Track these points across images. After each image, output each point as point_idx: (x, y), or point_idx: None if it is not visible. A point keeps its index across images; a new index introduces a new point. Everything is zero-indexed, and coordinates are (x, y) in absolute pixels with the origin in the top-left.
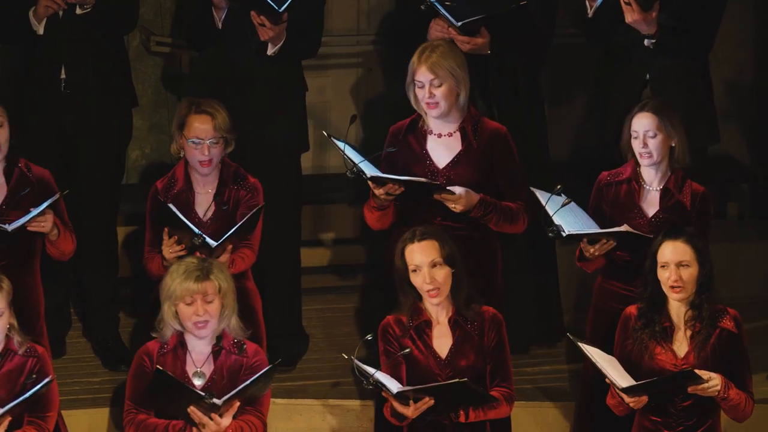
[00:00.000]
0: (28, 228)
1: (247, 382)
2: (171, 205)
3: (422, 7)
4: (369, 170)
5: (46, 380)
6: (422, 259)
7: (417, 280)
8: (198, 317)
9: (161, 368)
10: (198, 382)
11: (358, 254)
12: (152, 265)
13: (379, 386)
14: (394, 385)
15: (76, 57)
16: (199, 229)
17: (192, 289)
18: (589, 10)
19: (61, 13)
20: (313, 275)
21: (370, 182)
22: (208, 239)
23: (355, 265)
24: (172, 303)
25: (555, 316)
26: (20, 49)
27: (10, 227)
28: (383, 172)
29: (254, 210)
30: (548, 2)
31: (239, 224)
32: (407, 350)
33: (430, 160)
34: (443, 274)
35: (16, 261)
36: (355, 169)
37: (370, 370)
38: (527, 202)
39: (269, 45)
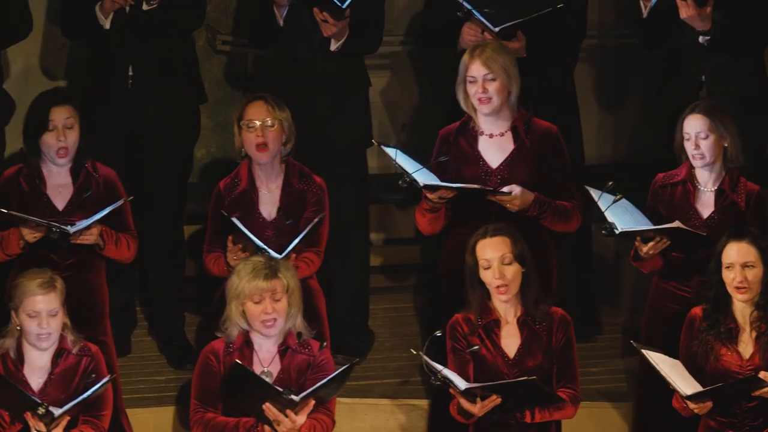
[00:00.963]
0: (72, 240)
1: (325, 380)
2: (235, 219)
3: (459, 14)
4: (422, 178)
5: (105, 380)
6: (493, 254)
7: (487, 276)
8: (266, 315)
9: (239, 362)
10: None
11: (414, 254)
12: (212, 265)
13: (447, 383)
14: (461, 382)
15: (143, 54)
16: (263, 229)
17: (261, 287)
18: (644, 11)
19: (127, 8)
20: (378, 274)
21: (423, 189)
22: (272, 253)
23: (410, 265)
24: (240, 302)
25: (592, 311)
26: (87, 45)
27: (72, 229)
28: (436, 176)
29: (316, 220)
30: (577, 1)
31: (302, 234)
32: (476, 347)
33: (483, 160)
34: (513, 271)
35: (80, 260)
36: (407, 178)
37: (438, 366)
38: (579, 200)
39: (332, 41)
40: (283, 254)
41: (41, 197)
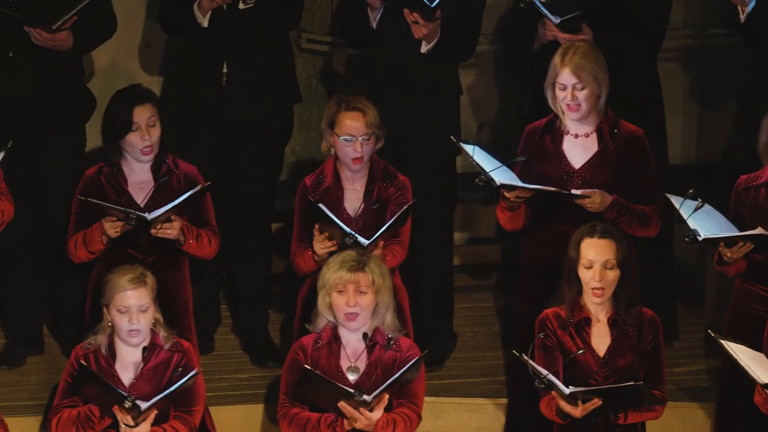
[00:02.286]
0: (153, 233)
1: (396, 375)
2: (322, 205)
3: (521, 5)
4: (500, 176)
5: (192, 373)
6: (598, 256)
7: (586, 275)
8: (349, 308)
9: (309, 367)
10: (352, 377)
11: (495, 254)
12: (300, 261)
13: (552, 386)
14: (565, 386)
15: (239, 52)
16: (348, 226)
17: (345, 278)
18: (741, 15)
19: (224, 6)
20: (460, 273)
21: (500, 189)
22: (360, 238)
23: (492, 265)
24: (326, 292)
25: (671, 316)
26: (184, 43)
27: (150, 216)
28: (517, 174)
29: (405, 207)
30: None
31: (390, 222)
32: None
33: (566, 160)
34: (613, 276)
35: (164, 257)
36: (484, 177)
37: (543, 370)
38: (660, 205)
39: (423, 43)
40: (371, 240)
41: (123, 195)
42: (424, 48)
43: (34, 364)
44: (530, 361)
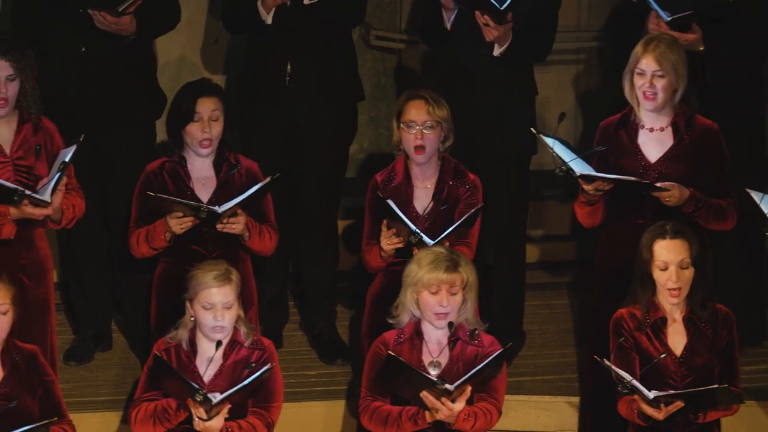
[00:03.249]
0: (219, 228)
1: (478, 367)
2: (390, 201)
3: (634, 0)
4: (579, 168)
5: (264, 368)
6: (672, 257)
7: (661, 276)
8: (441, 308)
9: (392, 353)
10: (433, 372)
11: (570, 251)
12: (370, 257)
13: (635, 390)
14: (648, 390)
15: (303, 50)
16: (416, 224)
17: (441, 278)
18: None
19: (288, 3)
20: (536, 270)
21: (579, 180)
22: (425, 237)
23: (566, 262)
24: (416, 290)
25: (761, 314)
26: (248, 41)
27: (220, 209)
28: (594, 168)
29: (472, 210)
30: None
31: (457, 223)
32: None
33: (642, 154)
34: (689, 275)
35: (227, 252)
36: (564, 167)
37: (627, 376)
38: (736, 199)
39: (495, 45)
40: (435, 241)
41: (185, 190)
42: (497, 51)
43: (102, 360)
44: (613, 367)
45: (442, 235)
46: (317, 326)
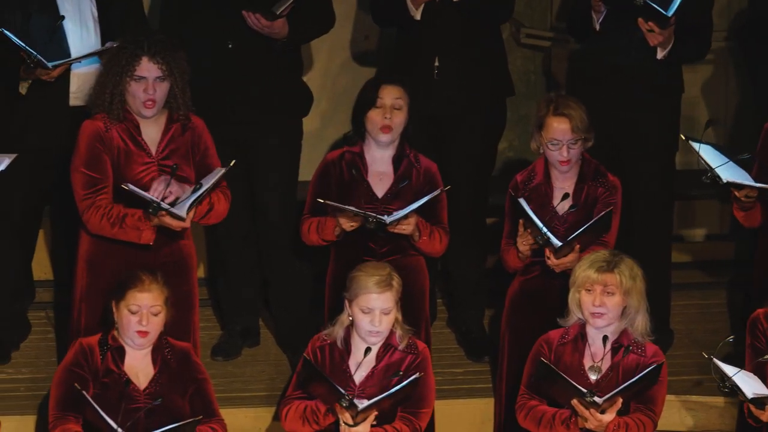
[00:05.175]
0: (389, 229)
1: (629, 381)
2: (521, 200)
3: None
4: (727, 174)
5: (413, 377)
6: None
7: None
8: (594, 308)
9: (544, 360)
10: (593, 377)
11: (728, 251)
12: (507, 257)
13: (736, 389)
14: (750, 389)
15: (450, 45)
16: (555, 224)
17: (592, 277)
18: None
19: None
20: (693, 270)
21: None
22: (553, 238)
23: (724, 262)
24: (576, 289)
25: None
26: (396, 36)
27: (388, 219)
28: (755, 172)
29: (602, 213)
30: None
31: (588, 224)
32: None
33: None
34: None
35: (395, 247)
36: (711, 174)
37: (729, 372)
38: None
39: (658, 49)
40: (563, 243)
41: (362, 183)
42: (660, 54)
43: (250, 356)
44: (716, 361)
45: (570, 238)
46: (465, 324)
